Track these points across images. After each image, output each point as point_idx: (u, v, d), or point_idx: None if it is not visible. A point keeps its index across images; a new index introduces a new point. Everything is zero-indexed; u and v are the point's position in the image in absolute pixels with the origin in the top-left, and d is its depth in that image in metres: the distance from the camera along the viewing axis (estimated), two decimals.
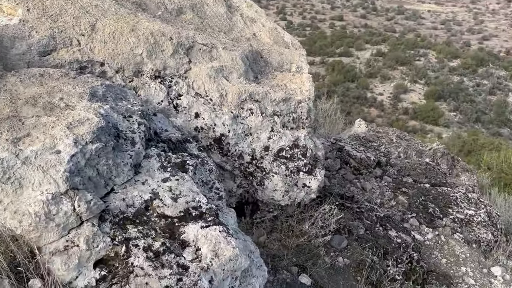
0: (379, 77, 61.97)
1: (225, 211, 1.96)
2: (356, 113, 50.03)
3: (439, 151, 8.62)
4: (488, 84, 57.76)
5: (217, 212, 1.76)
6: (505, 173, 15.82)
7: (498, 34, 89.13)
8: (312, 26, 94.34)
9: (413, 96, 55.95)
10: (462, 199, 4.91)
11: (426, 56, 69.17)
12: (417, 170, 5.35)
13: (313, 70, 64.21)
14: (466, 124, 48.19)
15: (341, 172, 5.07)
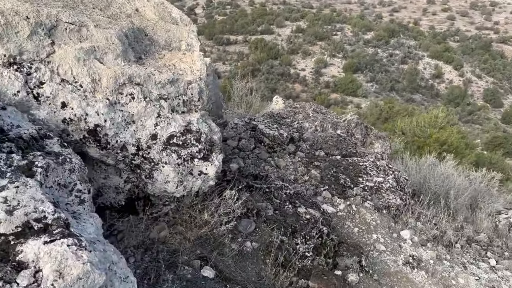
0: (300, 53, 63.47)
1: (85, 218, 1.67)
2: (282, 90, 51.03)
3: (353, 121, 8.89)
4: (400, 54, 61.66)
5: (67, 221, 1.47)
6: (418, 137, 16.94)
7: (406, 6, 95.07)
8: (232, 5, 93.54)
9: (333, 70, 58.15)
10: (371, 167, 5.05)
11: (342, 31, 71.94)
12: (329, 143, 5.40)
13: (237, 49, 63.94)
14: (382, 93, 51.26)
15: (255, 151, 4.94)
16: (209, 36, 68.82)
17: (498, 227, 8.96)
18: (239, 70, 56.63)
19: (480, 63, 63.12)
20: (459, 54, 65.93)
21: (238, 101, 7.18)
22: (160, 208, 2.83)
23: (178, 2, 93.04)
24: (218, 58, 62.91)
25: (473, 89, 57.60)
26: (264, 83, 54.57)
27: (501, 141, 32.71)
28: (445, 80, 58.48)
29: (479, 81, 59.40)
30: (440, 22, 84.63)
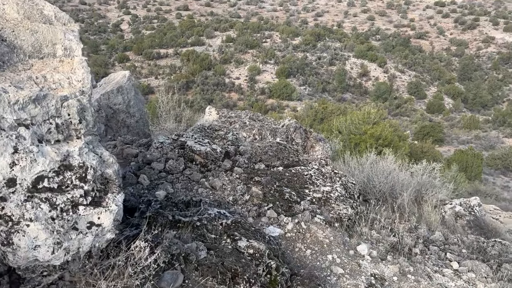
0: (233, 62, 63.54)
1: None
2: (219, 100, 50.53)
3: (292, 126, 8.47)
4: (328, 56, 63.72)
5: None
6: (354, 134, 17.15)
7: (329, 10, 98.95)
8: (159, 18, 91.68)
9: (266, 76, 58.71)
10: (317, 176, 4.58)
11: (271, 37, 73.12)
12: (268, 153, 4.86)
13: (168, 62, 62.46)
14: (315, 95, 52.51)
15: (186, 172, 4.26)
16: (138, 51, 66.75)
17: (445, 218, 8.98)
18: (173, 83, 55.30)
19: (402, 59, 66.98)
20: (382, 52, 69.54)
21: (166, 116, 6.44)
22: (38, 281, 2.04)
23: (101, 19, 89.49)
24: (149, 73, 61.10)
25: (398, 83, 60.84)
26: (200, 94, 53.74)
27: (428, 130, 34.65)
28: (372, 77, 61.23)
29: (403, 75, 62.92)
30: (361, 23, 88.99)
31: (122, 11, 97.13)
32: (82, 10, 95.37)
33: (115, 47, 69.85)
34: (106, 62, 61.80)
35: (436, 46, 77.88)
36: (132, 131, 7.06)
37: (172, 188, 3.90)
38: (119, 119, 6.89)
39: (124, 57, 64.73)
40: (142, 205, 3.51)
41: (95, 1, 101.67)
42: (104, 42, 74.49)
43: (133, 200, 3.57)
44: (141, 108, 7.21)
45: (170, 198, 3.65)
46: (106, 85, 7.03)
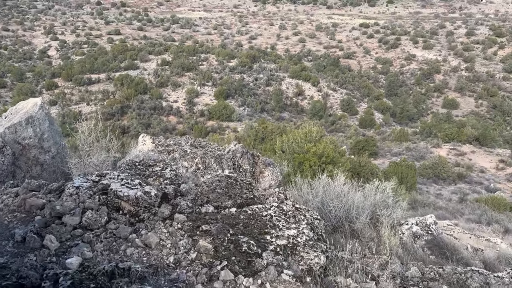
0: (170, 85, 62.38)
1: None
2: (157, 124, 48.76)
3: (238, 151, 7.69)
4: (264, 77, 64.62)
5: None
6: (296, 153, 16.80)
7: (262, 33, 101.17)
8: (89, 43, 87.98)
9: (205, 98, 58.13)
10: (278, 215, 3.79)
11: (208, 60, 72.96)
12: (217, 190, 4.00)
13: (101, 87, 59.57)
14: (255, 115, 52.53)
15: (110, 227, 3.26)
16: (68, 77, 63.21)
17: (403, 240, 8.58)
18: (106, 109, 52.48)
19: (333, 78, 69.62)
20: (314, 72, 71.92)
21: (89, 149, 5.34)
22: None
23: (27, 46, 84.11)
24: (80, 100, 57.88)
25: (331, 101, 62.94)
26: (136, 119, 51.72)
27: (363, 145, 35.80)
28: (307, 96, 62.86)
29: (335, 93, 65.21)
30: (293, 45, 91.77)
31: (49, 36, 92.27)
32: (5, 36, 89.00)
33: (42, 74, 65.62)
34: (33, 90, 57.68)
35: (364, 65, 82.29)
36: (47, 170, 5.84)
37: (90, 252, 2.90)
38: (30, 156, 5.66)
39: (53, 84, 60.88)
40: (46, 283, 2.48)
41: (19, 27, 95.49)
42: (30, 69, 69.78)
43: (33, 276, 2.53)
44: (58, 141, 6.02)
45: (86, 268, 2.66)
46: (13, 116, 5.78)
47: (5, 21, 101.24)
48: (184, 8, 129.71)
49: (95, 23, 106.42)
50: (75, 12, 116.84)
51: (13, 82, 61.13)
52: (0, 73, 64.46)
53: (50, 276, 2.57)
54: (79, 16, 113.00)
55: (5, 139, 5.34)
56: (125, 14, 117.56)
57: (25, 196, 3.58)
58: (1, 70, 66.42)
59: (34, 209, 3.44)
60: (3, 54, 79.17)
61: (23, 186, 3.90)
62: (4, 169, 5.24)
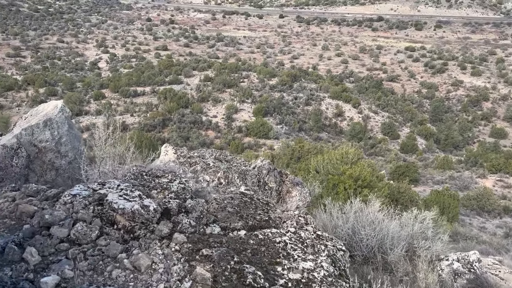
0: (210, 100, 63.41)
1: None
2: (195, 137, 49.36)
3: (264, 168, 7.22)
4: (304, 96, 64.23)
5: None
6: (331, 174, 16.13)
7: (304, 53, 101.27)
8: (138, 57, 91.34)
9: (243, 114, 58.49)
10: (293, 243, 3.27)
11: (249, 78, 73.70)
12: (227, 209, 3.55)
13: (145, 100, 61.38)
14: (292, 134, 52.02)
15: (100, 243, 2.89)
16: (115, 89, 65.70)
17: (442, 277, 7.72)
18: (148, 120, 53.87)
19: (375, 100, 67.96)
20: (356, 93, 70.63)
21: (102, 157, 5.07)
22: None
23: (79, 57, 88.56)
24: (125, 110, 59.75)
25: (372, 124, 61.34)
26: (176, 132, 52.64)
27: (404, 170, 34.38)
28: (346, 117, 61.69)
29: (376, 116, 63.56)
30: (335, 66, 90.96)
31: (101, 49, 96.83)
32: (60, 47, 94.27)
33: (91, 85, 68.63)
34: (81, 99, 60.29)
35: (408, 89, 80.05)
36: (62, 175, 5.62)
37: (71, 270, 2.53)
38: (46, 160, 5.46)
39: (100, 95, 63.38)
40: None
41: (73, 39, 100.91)
42: (80, 79, 73.23)
43: None
44: (76, 146, 5.81)
45: None
46: (32, 118, 5.64)
47: (61, 33, 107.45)
48: (229, 27, 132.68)
49: (144, 38, 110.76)
50: (126, 27, 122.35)
51: (63, 91, 64.15)
52: (52, 82, 67.93)
53: None
54: (130, 31, 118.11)
55: (21, 140, 5.18)
56: (173, 30, 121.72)
57: (18, 202, 3.30)
58: (53, 79, 70.01)
59: (24, 217, 3.15)
60: (57, 64, 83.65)
61: (21, 191, 3.64)
62: (17, 171, 5.06)
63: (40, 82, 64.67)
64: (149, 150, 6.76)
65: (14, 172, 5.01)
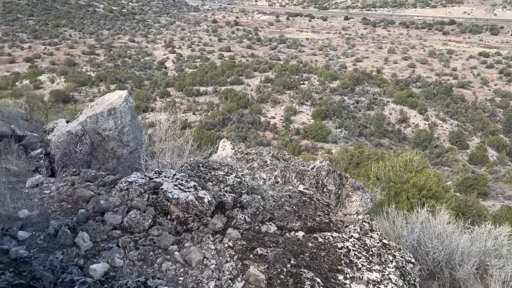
0: (270, 101, 63.47)
1: None
2: (253, 138, 49.69)
3: (324, 169, 6.88)
4: (366, 100, 62.23)
5: None
6: (393, 182, 15.34)
7: (368, 56, 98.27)
8: (202, 58, 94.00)
9: (302, 117, 57.95)
10: (357, 250, 2.95)
11: (310, 80, 72.86)
12: (284, 207, 3.31)
13: (207, 99, 63.09)
14: (351, 139, 50.51)
15: (152, 232, 2.77)
16: (179, 88, 68.11)
17: None
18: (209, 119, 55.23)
19: (443, 107, 64.09)
20: (422, 99, 67.11)
21: (162, 148, 5.05)
22: None
23: (148, 56, 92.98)
24: (188, 109, 61.65)
25: (439, 132, 57.95)
26: (235, 131, 53.33)
27: (472, 182, 32.20)
28: (411, 124, 58.79)
29: (444, 124, 59.96)
30: (401, 70, 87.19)
31: (168, 49, 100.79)
32: (131, 47, 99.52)
33: (158, 83, 71.71)
34: (148, 96, 63.16)
35: (480, 97, 74.71)
36: (123, 164, 5.69)
37: (121, 259, 2.42)
38: (108, 148, 5.56)
39: (166, 93, 65.96)
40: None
41: (143, 39, 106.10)
42: (148, 78, 76.81)
43: (47, 279, 2.11)
44: (138, 136, 5.87)
45: (110, 279, 2.17)
46: (97, 106, 5.78)
47: (132, 33, 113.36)
48: (292, 29, 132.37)
49: (209, 40, 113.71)
50: (193, 29, 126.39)
51: (132, 88, 67.55)
52: (122, 79, 71.82)
53: (65, 283, 2.14)
54: (196, 32, 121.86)
55: (86, 128, 5.30)
56: (237, 32, 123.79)
57: (77, 186, 3.31)
58: (123, 77, 73.99)
59: (81, 201, 3.14)
60: (127, 62, 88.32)
61: (80, 176, 3.66)
62: (80, 158, 5.18)
63: (111, 79, 68.61)
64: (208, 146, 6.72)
65: (77, 158, 5.13)
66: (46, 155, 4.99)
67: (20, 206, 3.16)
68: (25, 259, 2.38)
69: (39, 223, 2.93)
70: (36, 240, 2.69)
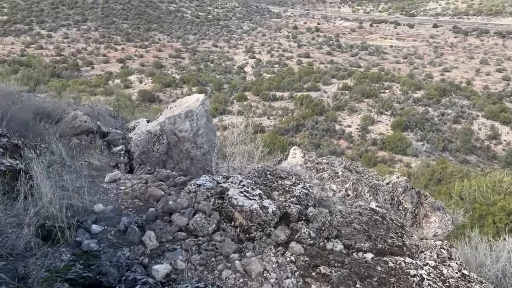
0: (346, 109, 61.93)
1: None
2: (326, 145, 48.82)
3: (400, 185, 6.46)
4: (452, 113, 58.10)
5: None
6: (479, 204, 14.08)
7: (458, 66, 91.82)
8: (280, 63, 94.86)
9: (380, 127, 55.68)
10: (432, 279, 2.67)
11: (391, 89, 69.89)
12: (353, 225, 3.12)
13: (282, 104, 63.56)
14: (434, 153, 47.36)
15: (215, 238, 2.77)
16: (256, 92, 69.41)
17: None
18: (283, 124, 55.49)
19: None
20: None
21: (232, 152, 5.09)
22: None
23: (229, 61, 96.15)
24: (263, 113, 62.49)
25: None
26: (308, 138, 52.83)
27: None
28: (502, 141, 53.62)
29: None
30: (494, 83, 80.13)
31: (248, 55, 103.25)
32: (214, 51, 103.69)
33: (236, 87, 73.73)
34: (226, 99, 65.18)
35: None
36: (196, 165, 5.84)
37: (184, 262, 2.44)
38: (183, 149, 5.74)
39: (243, 97, 67.56)
40: (120, 287, 2.09)
41: (225, 44, 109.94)
42: (227, 81, 79.33)
43: (112, 275, 2.18)
44: (211, 139, 6.00)
45: (171, 281, 2.19)
46: (176, 108, 6.01)
47: (215, 38, 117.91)
48: (376, 36, 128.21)
49: (289, 46, 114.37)
50: (274, 35, 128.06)
51: (212, 91, 70.23)
52: (204, 82, 74.92)
53: (128, 281, 2.20)
54: (276, 38, 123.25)
55: (164, 128, 5.52)
56: (317, 39, 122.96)
57: (149, 185, 3.43)
58: (205, 80, 77.20)
59: (151, 200, 3.24)
60: (209, 66, 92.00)
61: (153, 175, 3.80)
62: (157, 156, 5.40)
63: (193, 82, 71.92)
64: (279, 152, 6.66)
65: (154, 157, 5.36)
66: (126, 152, 5.29)
67: (96, 200, 3.37)
68: (95, 252, 2.50)
69: (111, 218, 3.09)
70: (107, 235, 2.83)
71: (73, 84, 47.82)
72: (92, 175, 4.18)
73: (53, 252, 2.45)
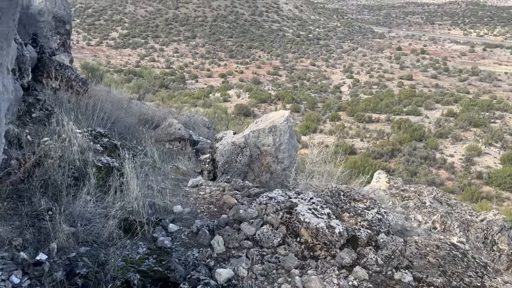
0: (450, 137, 57.47)
1: None
2: (423, 174, 45.72)
3: (496, 224, 5.85)
4: None
5: None
6: None
7: None
8: (380, 85, 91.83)
9: (488, 159, 50.57)
10: None
11: (503, 119, 63.32)
12: (428, 258, 2.90)
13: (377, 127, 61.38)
14: None
15: (279, 251, 2.81)
16: (351, 113, 68.04)
17: None
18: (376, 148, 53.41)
19: None
20: None
21: (310, 171, 5.10)
22: None
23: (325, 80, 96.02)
24: (356, 134, 60.98)
25: None
26: (403, 164, 50.04)
27: None
28: None
29: None
30: None
31: (346, 74, 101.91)
32: (311, 70, 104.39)
33: (330, 106, 73.09)
34: (319, 118, 64.87)
35: None
36: (275, 179, 5.96)
37: (246, 270, 2.53)
38: (264, 162, 5.91)
39: (336, 116, 66.69)
40: (184, 284, 2.26)
41: (323, 63, 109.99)
42: (322, 100, 79.02)
43: (178, 272, 2.36)
44: (292, 155, 6.08)
45: (231, 287, 2.29)
46: (261, 123, 6.22)
47: (314, 57, 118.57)
48: (489, 61, 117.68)
49: (390, 67, 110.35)
50: (375, 55, 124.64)
51: (305, 109, 70.52)
52: (298, 100, 75.56)
53: (192, 280, 2.35)
54: (377, 59, 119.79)
55: (248, 141, 5.75)
56: (422, 61, 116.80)
57: (226, 193, 3.61)
58: (299, 98, 77.82)
59: (225, 207, 3.41)
60: (305, 84, 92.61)
61: (230, 184, 3.99)
62: (239, 167, 5.63)
63: (288, 99, 72.96)
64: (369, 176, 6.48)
65: (236, 167, 5.59)
66: (212, 161, 5.61)
67: (177, 201, 3.65)
68: (168, 249, 2.71)
69: (187, 219, 3.32)
70: (181, 235, 3.05)
71: (178, 95, 51.79)
72: (177, 178, 4.52)
73: (131, 244, 2.73)
